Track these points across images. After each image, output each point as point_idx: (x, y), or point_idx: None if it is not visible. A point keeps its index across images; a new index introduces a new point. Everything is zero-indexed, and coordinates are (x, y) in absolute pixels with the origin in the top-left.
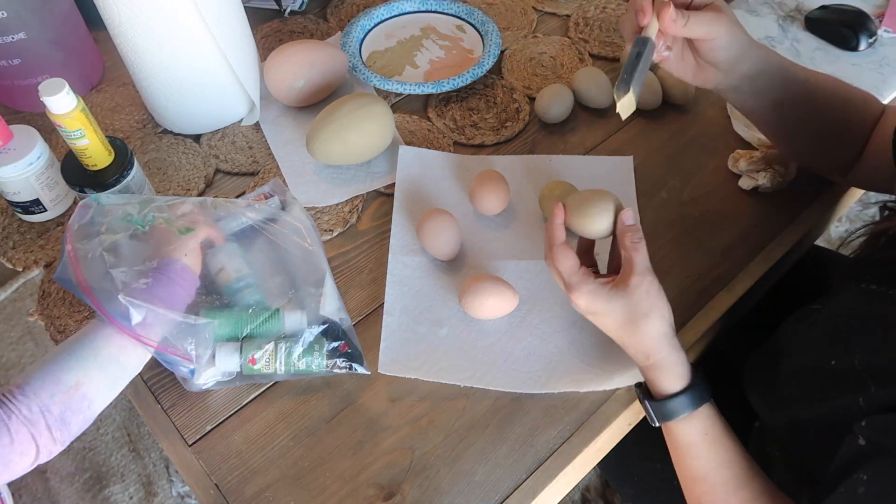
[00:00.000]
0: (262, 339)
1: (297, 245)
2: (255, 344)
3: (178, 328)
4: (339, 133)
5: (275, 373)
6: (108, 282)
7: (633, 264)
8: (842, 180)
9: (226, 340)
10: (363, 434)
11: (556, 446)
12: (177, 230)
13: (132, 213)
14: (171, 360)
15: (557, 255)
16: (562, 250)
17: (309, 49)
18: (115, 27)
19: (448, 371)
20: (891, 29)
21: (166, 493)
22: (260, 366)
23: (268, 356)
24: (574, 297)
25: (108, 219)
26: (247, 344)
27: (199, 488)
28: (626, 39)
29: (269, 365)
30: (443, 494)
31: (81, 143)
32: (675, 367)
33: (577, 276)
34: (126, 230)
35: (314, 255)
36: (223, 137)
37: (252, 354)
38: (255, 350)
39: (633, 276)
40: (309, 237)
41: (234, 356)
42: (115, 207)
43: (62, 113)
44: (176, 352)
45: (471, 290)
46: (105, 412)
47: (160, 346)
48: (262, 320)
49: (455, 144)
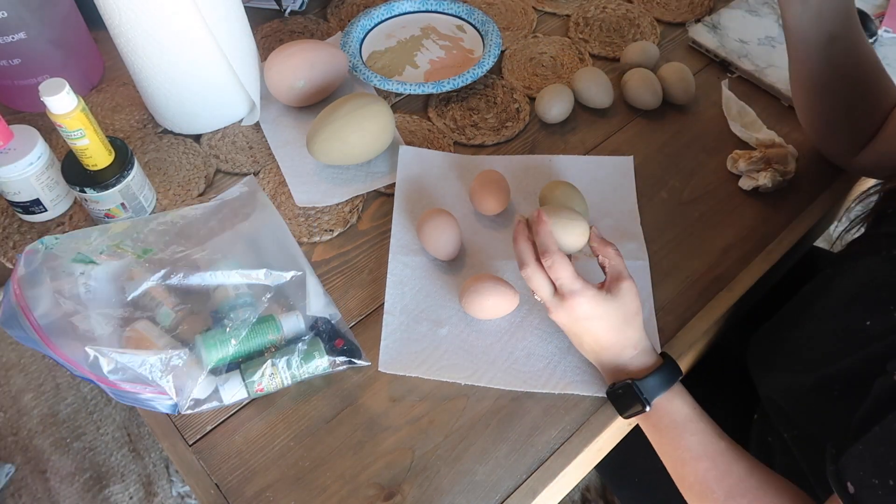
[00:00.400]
0: (260, 357)
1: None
2: (253, 366)
3: (153, 367)
4: (339, 133)
5: (282, 386)
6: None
7: (619, 271)
8: (846, 164)
9: (226, 369)
10: (363, 434)
11: (556, 446)
12: (134, 255)
13: (82, 250)
14: (148, 400)
15: (558, 263)
16: (561, 257)
17: (309, 49)
18: (115, 27)
19: (448, 370)
20: (891, 29)
21: (166, 493)
22: (267, 388)
23: (270, 375)
24: (574, 303)
25: (59, 262)
26: (245, 368)
27: (199, 488)
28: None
29: (273, 383)
30: (443, 494)
31: (82, 143)
32: (650, 346)
33: (580, 283)
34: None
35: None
36: (223, 137)
37: (257, 384)
38: (254, 374)
39: (623, 280)
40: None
41: (239, 388)
42: (65, 248)
43: (62, 113)
44: (155, 390)
45: (471, 290)
46: (105, 412)
47: (137, 389)
48: (261, 331)
49: (455, 144)
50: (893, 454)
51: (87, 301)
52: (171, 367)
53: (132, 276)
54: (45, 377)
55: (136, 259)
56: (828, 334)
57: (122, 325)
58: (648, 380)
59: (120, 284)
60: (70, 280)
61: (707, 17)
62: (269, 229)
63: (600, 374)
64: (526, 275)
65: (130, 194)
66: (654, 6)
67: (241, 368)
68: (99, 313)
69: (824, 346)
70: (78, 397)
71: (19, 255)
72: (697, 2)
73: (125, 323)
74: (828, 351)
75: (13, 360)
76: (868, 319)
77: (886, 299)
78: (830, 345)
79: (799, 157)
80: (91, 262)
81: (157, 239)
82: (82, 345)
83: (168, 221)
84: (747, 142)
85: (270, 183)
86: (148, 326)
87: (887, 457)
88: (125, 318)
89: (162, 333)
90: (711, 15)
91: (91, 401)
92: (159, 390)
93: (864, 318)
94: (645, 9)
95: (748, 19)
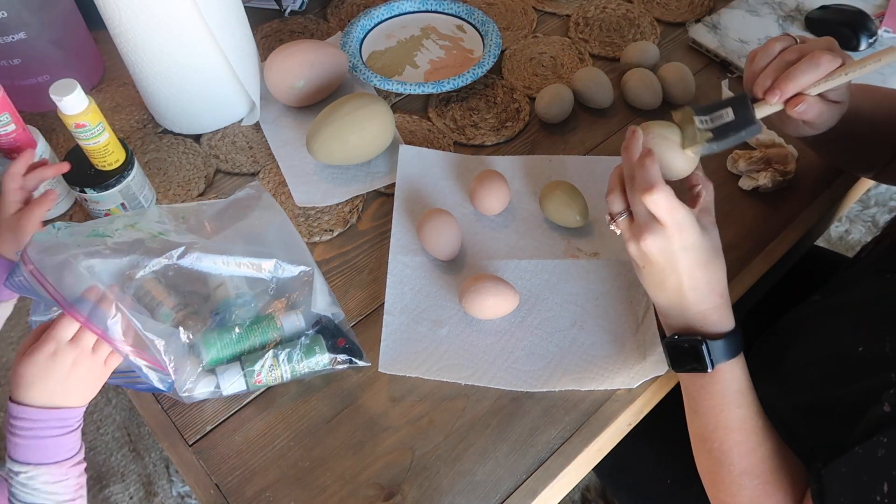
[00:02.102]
0: (260, 350)
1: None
2: (253, 358)
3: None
4: (339, 133)
5: (280, 380)
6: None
7: (710, 207)
8: (870, 176)
9: (226, 363)
10: (363, 434)
11: (556, 446)
12: (149, 234)
13: (98, 229)
14: (144, 376)
15: (663, 191)
16: (666, 187)
17: (309, 49)
18: (115, 27)
19: (448, 370)
20: (891, 29)
21: (166, 493)
22: (265, 379)
23: (269, 367)
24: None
25: (74, 238)
26: (245, 359)
27: (199, 488)
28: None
29: (273, 375)
30: (443, 494)
31: (103, 139)
32: (729, 303)
33: (685, 211)
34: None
35: (301, 254)
36: (223, 137)
37: (256, 373)
38: (254, 364)
39: (710, 216)
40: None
41: (238, 378)
42: (80, 232)
43: (79, 112)
44: (151, 360)
45: (471, 290)
46: (105, 412)
47: (137, 358)
48: (260, 331)
49: (455, 144)
50: (874, 487)
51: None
52: (173, 340)
53: (132, 277)
54: None
55: (151, 238)
56: (819, 361)
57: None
58: (720, 342)
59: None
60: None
61: (707, 17)
62: (276, 228)
63: (601, 374)
64: (638, 200)
65: (130, 194)
66: (654, 6)
67: (242, 360)
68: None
69: (818, 372)
70: None
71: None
72: (697, 2)
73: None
74: (821, 379)
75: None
76: (860, 345)
77: (882, 328)
78: (824, 372)
79: (799, 157)
80: (106, 237)
81: (170, 225)
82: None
83: (179, 213)
84: (747, 142)
85: (270, 183)
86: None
87: (868, 489)
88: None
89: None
90: (711, 15)
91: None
92: (155, 360)
93: (855, 345)
94: (645, 9)
95: (748, 19)
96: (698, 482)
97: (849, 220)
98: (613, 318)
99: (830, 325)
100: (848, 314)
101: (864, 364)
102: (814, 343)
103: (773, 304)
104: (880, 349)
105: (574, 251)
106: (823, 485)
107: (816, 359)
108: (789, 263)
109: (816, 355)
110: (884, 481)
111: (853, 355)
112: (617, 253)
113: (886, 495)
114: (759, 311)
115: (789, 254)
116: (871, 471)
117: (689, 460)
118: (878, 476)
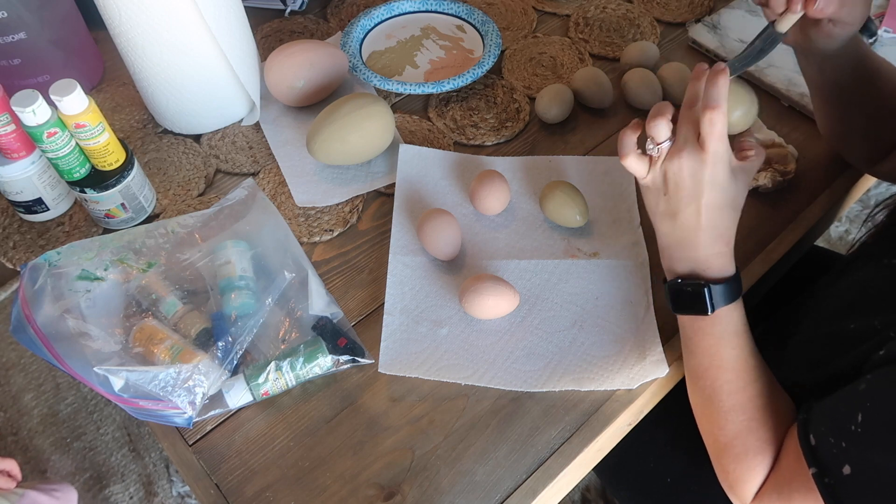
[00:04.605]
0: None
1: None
2: (257, 370)
3: (164, 382)
4: (339, 133)
5: (286, 387)
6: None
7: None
8: (868, 169)
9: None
10: (363, 434)
11: (556, 446)
12: (138, 269)
13: (87, 267)
14: (163, 415)
15: (724, 116)
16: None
17: (309, 49)
18: (115, 27)
19: (449, 370)
20: (891, 29)
21: (166, 493)
22: (272, 391)
23: (274, 379)
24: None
25: (63, 281)
26: (249, 373)
27: (199, 488)
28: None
29: (278, 385)
30: (443, 494)
31: (103, 139)
32: (732, 254)
33: (728, 149)
34: (85, 289)
35: (295, 256)
36: (223, 137)
37: (263, 388)
38: (258, 377)
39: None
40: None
41: (244, 392)
42: (69, 265)
43: (79, 112)
44: (167, 406)
45: (471, 290)
46: (105, 412)
47: (151, 405)
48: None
49: (455, 144)
50: (850, 416)
51: (89, 314)
52: (182, 381)
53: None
54: (46, 377)
55: (141, 273)
56: (812, 341)
57: (127, 333)
58: (721, 287)
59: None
60: (75, 297)
61: (707, 17)
62: (270, 230)
63: (601, 374)
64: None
65: (130, 194)
66: (654, 6)
67: (245, 374)
68: (105, 330)
69: (815, 350)
70: (78, 397)
71: (23, 267)
72: (697, 2)
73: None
74: (814, 357)
75: (13, 360)
76: (853, 323)
77: (872, 308)
78: (818, 350)
79: (799, 157)
80: (97, 279)
81: (159, 250)
82: (92, 366)
83: (167, 231)
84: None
85: (270, 183)
86: (155, 323)
87: (845, 418)
88: (130, 320)
89: (168, 326)
90: (711, 15)
91: (91, 401)
92: (171, 405)
93: (847, 322)
94: (645, 9)
95: (748, 19)
96: (698, 481)
97: (849, 220)
98: (613, 318)
99: (829, 307)
100: (842, 296)
101: (854, 338)
102: (811, 325)
103: (773, 304)
104: (869, 324)
105: (574, 251)
106: (809, 416)
107: (812, 338)
108: (789, 264)
109: (813, 335)
110: (858, 412)
111: (844, 331)
112: (617, 253)
113: (860, 424)
114: (760, 312)
115: (789, 254)
116: (849, 402)
117: (689, 459)
118: (855, 407)
